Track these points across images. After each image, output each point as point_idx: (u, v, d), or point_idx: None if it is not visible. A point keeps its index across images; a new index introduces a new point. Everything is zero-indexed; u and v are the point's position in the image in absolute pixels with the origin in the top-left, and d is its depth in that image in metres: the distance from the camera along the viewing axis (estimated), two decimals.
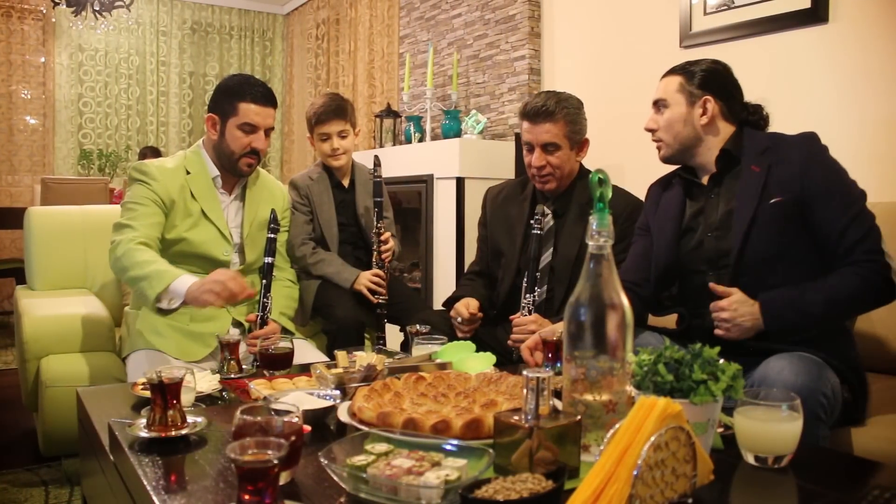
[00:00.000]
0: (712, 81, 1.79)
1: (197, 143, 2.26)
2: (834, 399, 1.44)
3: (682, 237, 1.82)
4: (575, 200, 2.25)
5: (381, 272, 2.46)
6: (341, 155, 2.57)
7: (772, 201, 1.66)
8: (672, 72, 1.86)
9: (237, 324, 2.19)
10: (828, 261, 1.63)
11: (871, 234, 1.61)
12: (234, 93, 2.15)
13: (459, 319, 2.20)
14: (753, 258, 1.67)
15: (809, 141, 1.70)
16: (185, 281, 1.91)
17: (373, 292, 2.43)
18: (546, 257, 2.25)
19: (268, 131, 2.20)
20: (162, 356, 2.03)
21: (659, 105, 1.84)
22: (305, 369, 1.70)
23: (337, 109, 2.54)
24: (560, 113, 2.15)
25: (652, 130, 1.86)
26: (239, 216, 2.28)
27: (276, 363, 1.73)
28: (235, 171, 2.20)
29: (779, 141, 1.73)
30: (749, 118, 1.83)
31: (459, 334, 2.20)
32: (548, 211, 2.27)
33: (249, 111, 2.13)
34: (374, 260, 2.49)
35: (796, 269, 1.63)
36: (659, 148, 1.86)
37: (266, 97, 2.17)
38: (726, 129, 1.79)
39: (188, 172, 2.17)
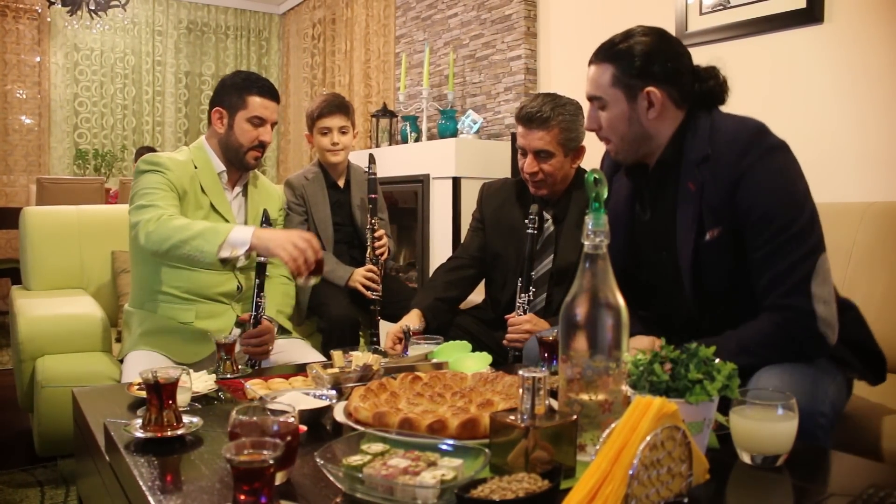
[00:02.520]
0: (652, 65, 1.48)
1: (199, 139, 2.27)
2: (833, 412, 1.35)
3: (640, 254, 1.62)
4: (574, 205, 2.22)
5: (374, 268, 2.46)
6: (340, 150, 2.59)
7: (707, 238, 1.44)
8: (600, 58, 1.53)
9: (239, 324, 2.19)
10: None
11: (793, 272, 1.36)
12: (242, 87, 2.18)
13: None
14: (709, 296, 1.49)
15: (745, 147, 1.41)
16: (242, 229, 1.88)
17: (367, 288, 2.43)
18: (546, 263, 2.23)
19: (272, 125, 2.23)
20: (160, 357, 2.02)
21: (594, 102, 1.56)
22: (302, 369, 1.70)
23: (339, 105, 2.61)
24: (555, 120, 2.10)
25: (594, 130, 1.59)
26: (242, 213, 2.29)
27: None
28: (242, 164, 2.22)
29: (718, 144, 1.45)
30: (704, 88, 1.53)
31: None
32: (547, 216, 2.25)
33: (258, 104, 2.17)
34: (367, 255, 2.49)
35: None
36: (608, 149, 1.62)
37: (272, 92, 2.22)
38: (677, 117, 1.51)
39: (195, 167, 2.17)
